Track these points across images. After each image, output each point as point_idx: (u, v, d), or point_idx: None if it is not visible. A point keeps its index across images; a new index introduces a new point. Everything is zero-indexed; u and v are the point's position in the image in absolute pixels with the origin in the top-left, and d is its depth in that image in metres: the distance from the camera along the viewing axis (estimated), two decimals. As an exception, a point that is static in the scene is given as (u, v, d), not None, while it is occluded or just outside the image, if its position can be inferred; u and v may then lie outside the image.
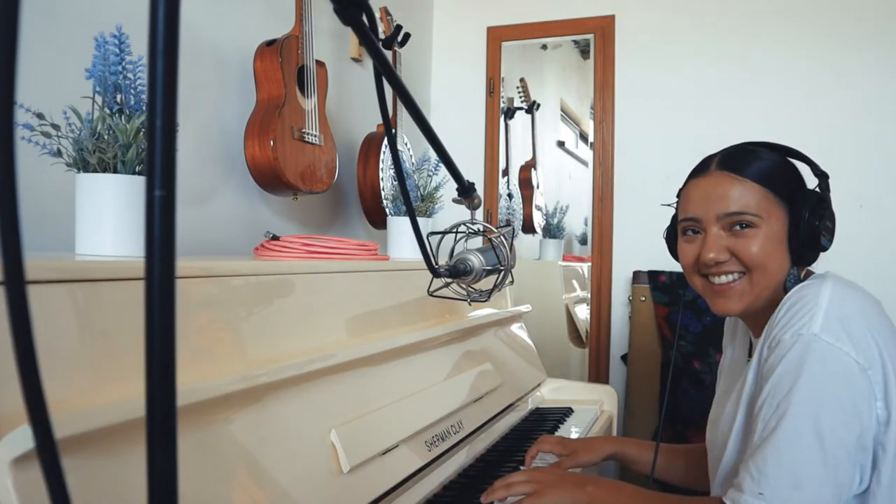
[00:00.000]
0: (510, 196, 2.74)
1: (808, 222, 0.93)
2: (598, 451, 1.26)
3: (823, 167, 1.01)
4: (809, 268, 1.01)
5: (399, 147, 1.97)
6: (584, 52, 2.61)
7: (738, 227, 0.95)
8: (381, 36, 0.65)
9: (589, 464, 1.24)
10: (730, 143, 1.10)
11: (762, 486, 0.82)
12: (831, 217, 0.96)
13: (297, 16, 1.63)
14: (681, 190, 1.07)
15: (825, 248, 0.96)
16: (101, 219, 0.89)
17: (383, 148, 2.00)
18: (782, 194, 0.96)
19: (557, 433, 1.55)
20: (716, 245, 0.96)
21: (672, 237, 1.13)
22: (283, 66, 1.55)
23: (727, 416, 1.03)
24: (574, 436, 1.54)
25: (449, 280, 0.97)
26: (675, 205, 1.09)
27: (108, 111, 0.90)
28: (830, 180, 1.00)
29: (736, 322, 1.15)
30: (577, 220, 2.75)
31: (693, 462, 1.28)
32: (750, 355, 1.07)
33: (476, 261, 0.93)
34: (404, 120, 2.03)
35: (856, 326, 0.85)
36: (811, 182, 1.00)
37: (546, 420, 1.64)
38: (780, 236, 0.95)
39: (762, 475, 0.83)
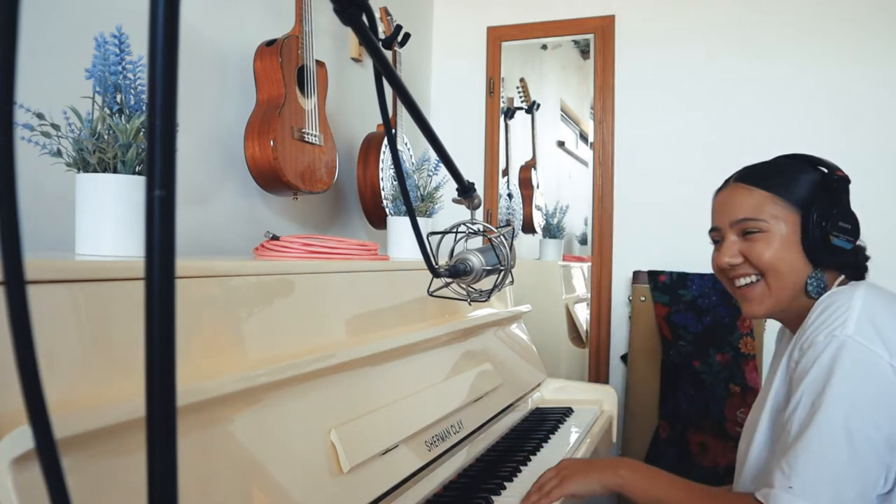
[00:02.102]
0: (510, 196, 2.74)
1: (817, 223, 0.97)
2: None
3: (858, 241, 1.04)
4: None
5: (399, 147, 1.97)
6: (584, 52, 2.61)
7: (749, 233, 1.02)
8: (381, 36, 0.65)
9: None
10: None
11: (792, 479, 0.84)
12: (846, 217, 0.99)
13: (297, 16, 1.63)
14: None
15: (844, 250, 0.99)
16: (101, 219, 0.89)
17: (383, 148, 2.00)
18: (795, 200, 1.00)
19: (557, 433, 1.55)
20: (729, 250, 1.04)
21: None
22: (283, 66, 1.55)
23: (753, 416, 1.06)
24: (574, 436, 1.54)
25: (449, 280, 0.97)
26: None
27: (108, 111, 0.90)
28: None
29: (783, 331, 1.17)
30: (577, 220, 2.75)
31: None
32: None
33: (476, 261, 0.93)
34: (404, 120, 2.03)
35: (888, 330, 0.88)
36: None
37: (546, 420, 1.64)
38: (793, 239, 0.99)
39: (793, 470, 0.85)
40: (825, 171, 1.03)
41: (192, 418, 0.72)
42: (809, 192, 1.01)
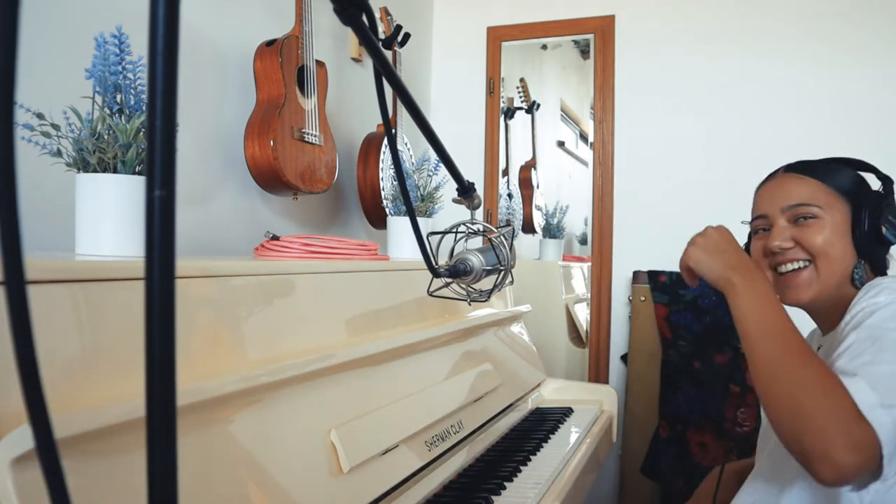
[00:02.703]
0: (510, 196, 2.74)
1: (870, 215, 0.99)
2: None
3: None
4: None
5: (399, 147, 1.97)
6: (584, 52, 2.61)
7: (802, 220, 1.02)
8: (381, 36, 0.65)
9: None
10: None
11: (884, 397, 0.78)
12: (894, 213, 1.01)
13: (297, 16, 1.63)
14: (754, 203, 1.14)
15: (891, 242, 1.01)
16: (101, 219, 0.89)
17: (383, 148, 2.00)
18: (845, 192, 1.02)
19: (557, 433, 1.55)
20: (781, 234, 1.03)
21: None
22: (283, 66, 1.55)
23: None
24: (574, 436, 1.54)
25: (449, 280, 0.97)
26: (748, 222, 1.14)
27: (108, 111, 0.90)
28: None
29: (812, 336, 1.17)
30: (577, 220, 2.75)
31: None
32: None
33: (476, 261, 0.93)
34: (404, 120, 2.03)
35: None
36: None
37: (546, 420, 1.64)
38: (843, 229, 1.01)
39: (883, 388, 0.79)
40: (873, 170, 1.07)
41: (192, 418, 0.72)
42: (859, 187, 1.03)
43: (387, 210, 1.84)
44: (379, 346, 1.10)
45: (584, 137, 2.69)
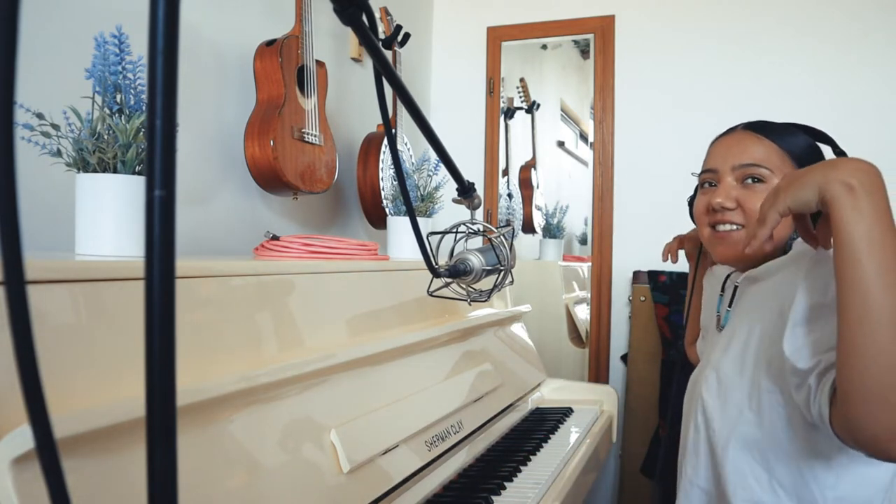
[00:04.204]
0: (510, 196, 2.74)
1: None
2: None
3: None
4: None
5: (399, 147, 1.97)
6: (584, 52, 2.61)
7: (749, 181, 0.99)
8: (381, 36, 0.65)
9: None
10: None
11: None
12: None
13: (297, 16, 1.63)
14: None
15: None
16: (101, 219, 0.89)
17: (383, 148, 2.00)
18: (797, 158, 0.99)
19: (557, 433, 1.55)
20: (726, 193, 1.00)
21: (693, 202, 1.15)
22: (283, 66, 1.55)
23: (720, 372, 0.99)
24: (574, 436, 1.54)
25: (449, 280, 0.97)
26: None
27: (108, 111, 0.90)
28: None
29: (709, 276, 1.17)
30: (577, 220, 2.75)
31: None
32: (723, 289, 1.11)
33: (476, 261, 0.93)
34: (404, 120, 2.03)
35: None
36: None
37: (546, 420, 1.64)
38: None
39: None
40: (831, 143, 1.04)
41: (192, 418, 0.72)
42: (813, 156, 1.00)
43: (387, 210, 1.84)
44: (379, 346, 1.10)
45: (584, 137, 2.69)
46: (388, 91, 0.68)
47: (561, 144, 2.84)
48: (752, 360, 0.94)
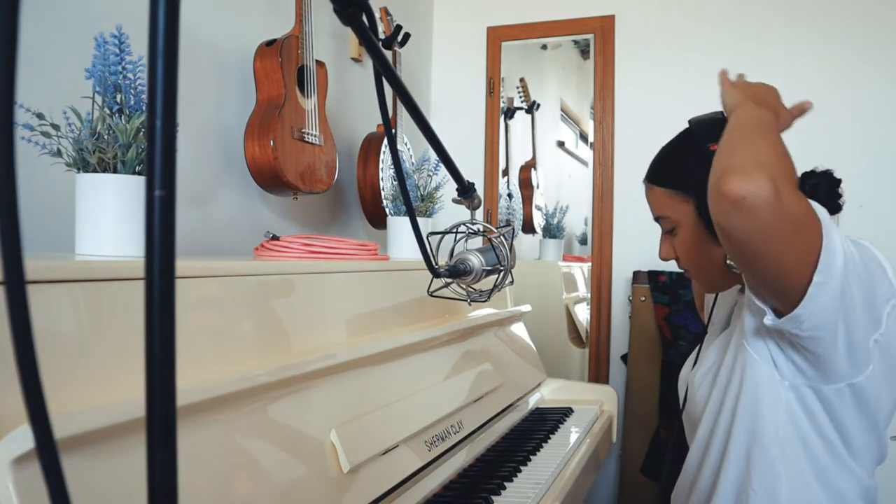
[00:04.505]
0: (510, 196, 2.74)
1: (706, 203, 0.82)
2: None
3: (822, 168, 1.03)
4: None
5: (399, 147, 1.97)
6: (584, 52, 2.61)
7: (669, 231, 1.03)
8: (381, 36, 0.65)
9: None
10: None
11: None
12: None
13: (297, 16, 1.63)
14: None
15: None
16: (101, 219, 0.89)
17: (383, 148, 2.00)
18: (685, 188, 0.98)
19: (557, 433, 1.55)
20: (662, 247, 1.06)
21: None
22: (283, 66, 1.55)
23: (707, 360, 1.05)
24: (574, 436, 1.54)
25: (449, 280, 0.97)
26: None
27: (108, 111, 0.90)
28: None
29: (723, 298, 1.18)
30: (577, 220, 2.75)
31: None
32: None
33: (476, 261, 0.93)
34: (404, 120, 2.03)
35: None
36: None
37: (546, 420, 1.64)
38: (699, 229, 0.98)
39: None
40: (701, 148, 0.98)
41: (192, 418, 0.72)
42: (689, 178, 0.96)
43: (387, 210, 1.84)
44: (379, 346, 1.10)
45: (584, 137, 2.69)
46: (388, 91, 0.68)
47: (561, 144, 2.84)
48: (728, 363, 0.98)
